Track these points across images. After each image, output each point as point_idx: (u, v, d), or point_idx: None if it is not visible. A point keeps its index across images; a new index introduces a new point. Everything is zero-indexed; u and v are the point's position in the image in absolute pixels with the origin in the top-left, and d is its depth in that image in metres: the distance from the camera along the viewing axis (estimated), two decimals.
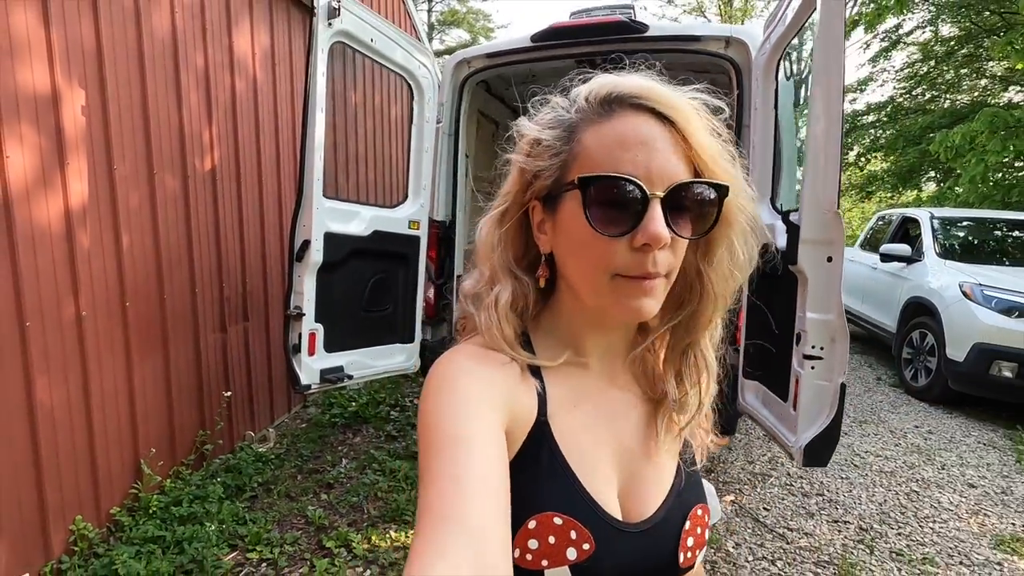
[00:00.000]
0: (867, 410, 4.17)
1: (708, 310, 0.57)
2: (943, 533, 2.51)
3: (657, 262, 0.49)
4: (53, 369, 2.02)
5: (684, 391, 0.59)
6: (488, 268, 0.57)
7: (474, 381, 0.49)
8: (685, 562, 0.57)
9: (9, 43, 1.84)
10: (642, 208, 0.48)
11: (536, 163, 0.54)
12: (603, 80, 0.53)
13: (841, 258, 1.79)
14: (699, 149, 0.49)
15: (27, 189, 1.92)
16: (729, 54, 2.67)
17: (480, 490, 0.42)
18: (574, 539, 0.51)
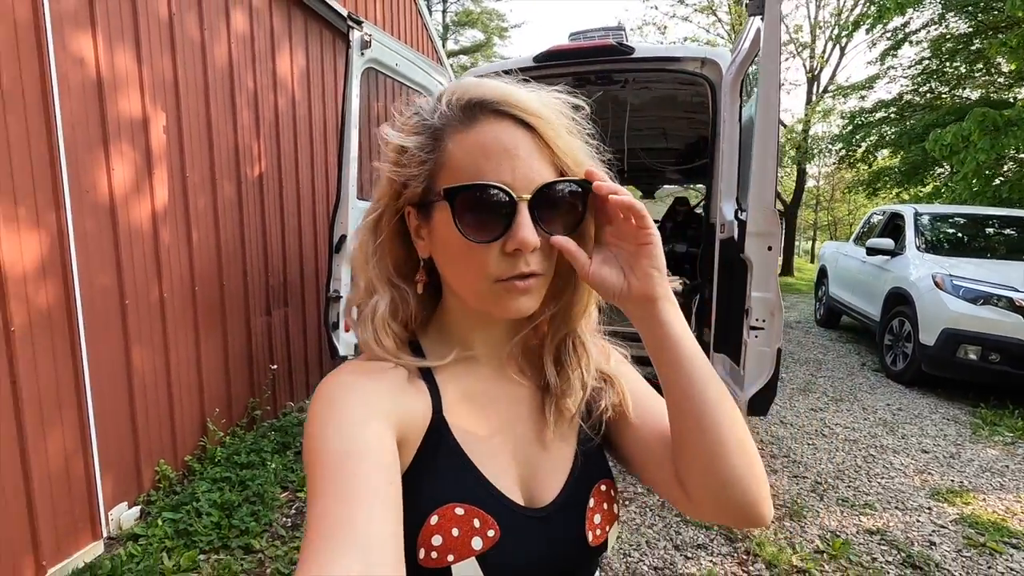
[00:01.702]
0: (846, 391, 4.54)
1: (583, 299, 0.59)
2: (888, 486, 2.90)
3: (530, 263, 0.50)
4: (144, 340, 2.52)
5: (566, 377, 0.61)
6: (364, 279, 0.57)
7: (357, 396, 0.49)
8: (595, 540, 0.58)
9: (114, 79, 2.33)
10: (511, 213, 0.49)
11: (404, 171, 0.54)
12: (464, 85, 0.53)
13: (778, 247, 2.20)
14: (559, 151, 0.51)
15: (126, 195, 2.41)
16: (704, 73, 3.07)
17: (368, 502, 0.42)
18: (478, 527, 0.51)
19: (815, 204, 29.25)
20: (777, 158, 2.14)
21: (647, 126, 5.30)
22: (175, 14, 2.65)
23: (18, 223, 1.90)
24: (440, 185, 0.51)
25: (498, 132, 0.50)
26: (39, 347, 1.99)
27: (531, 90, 0.53)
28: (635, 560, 2.24)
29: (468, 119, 0.51)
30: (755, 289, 2.22)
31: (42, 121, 1.98)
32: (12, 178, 1.88)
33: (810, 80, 16.02)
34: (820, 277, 7.74)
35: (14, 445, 1.90)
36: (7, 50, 1.85)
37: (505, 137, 0.50)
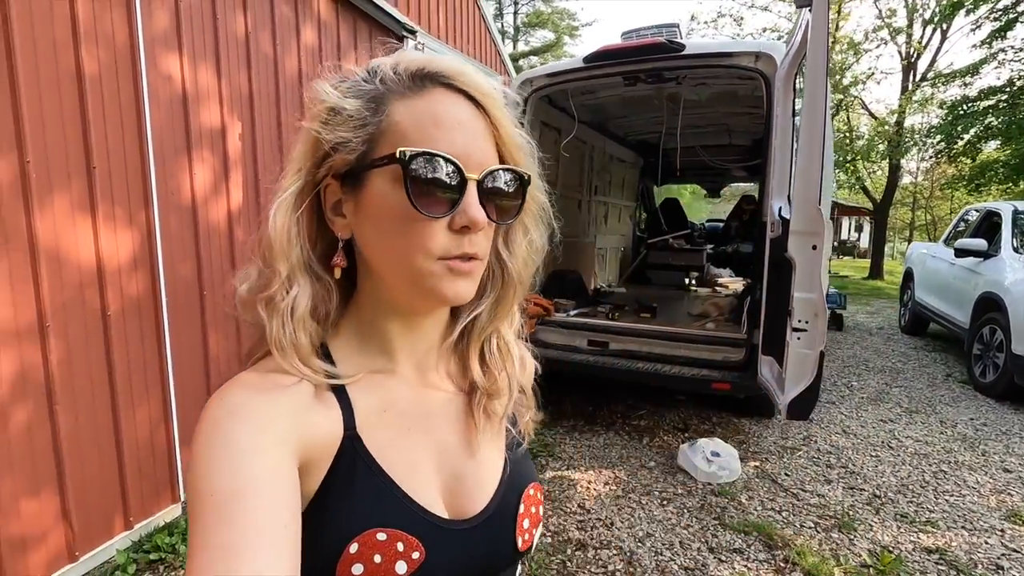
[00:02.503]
0: (923, 402, 4.22)
1: (510, 296, 0.58)
2: (956, 504, 2.70)
3: (474, 244, 0.48)
4: (219, 328, 2.79)
5: (492, 378, 0.59)
6: (286, 267, 0.49)
7: (249, 419, 0.43)
8: (523, 545, 0.57)
9: (197, 93, 2.60)
10: (461, 190, 0.47)
11: (336, 134, 0.48)
12: (411, 55, 0.50)
13: (822, 246, 2.12)
14: (506, 137, 0.50)
15: (206, 197, 2.68)
16: (759, 67, 2.99)
17: (257, 552, 0.37)
18: (402, 551, 0.47)
19: (912, 202, 26.95)
20: (823, 155, 2.07)
21: (709, 123, 5.18)
22: (251, 32, 2.91)
23: (115, 222, 2.19)
24: (382, 152, 0.47)
25: (451, 103, 0.48)
26: (130, 330, 2.27)
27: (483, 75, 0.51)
28: (666, 559, 2.24)
29: (417, 87, 0.48)
30: (798, 290, 2.16)
31: (135, 132, 2.26)
32: (111, 182, 2.17)
33: (905, 68, 14.80)
34: (906, 281, 7.20)
35: (108, 414, 2.20)
36: (107, 70, 2.13)
37: (458, 110, 0.48)
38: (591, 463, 3.09)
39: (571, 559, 2.24)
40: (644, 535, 2.40)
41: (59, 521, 2.03)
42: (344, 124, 0.48)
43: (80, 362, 2.08)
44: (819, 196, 2.07)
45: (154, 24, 2.34)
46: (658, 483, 2.86)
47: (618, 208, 6.27)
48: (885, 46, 14.61)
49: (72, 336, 2.05)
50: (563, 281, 4.49)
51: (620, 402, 3.97)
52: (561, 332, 3.66)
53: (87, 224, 2.08)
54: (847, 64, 14.74)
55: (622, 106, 4.72)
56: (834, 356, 5.64)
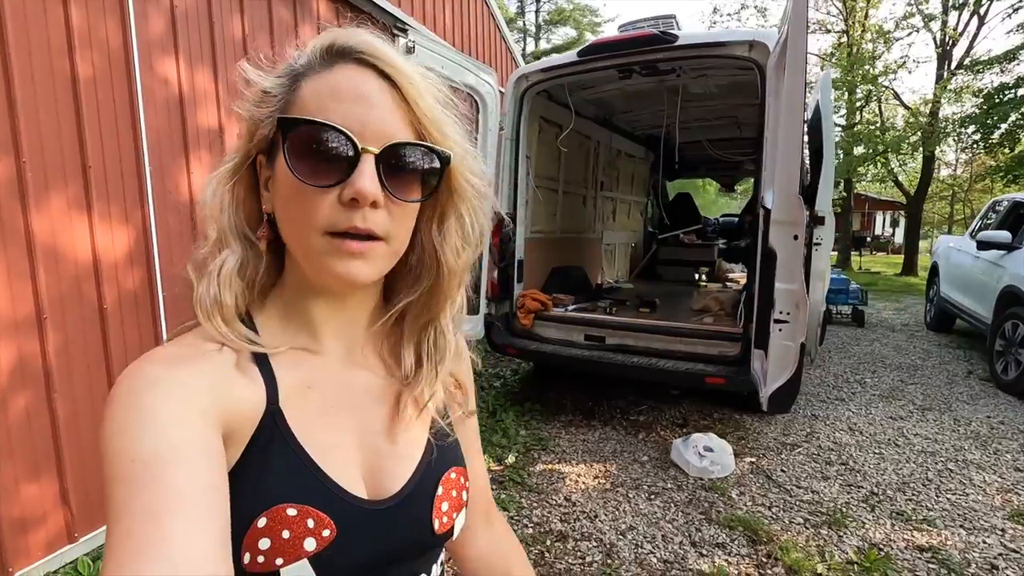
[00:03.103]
0: (938, 400, 4.08)
1: (444, 286, 0.56)
2: (957, 503, 2.61)
3: (367, 219, 0.47)
4: None
5: (422, 369, 0.58)
6: (215, 230, 0.51)
7: (167, 389, 0.42)
8: (441, 528, 0.56)
9: (194, 95, 2.70)
10: (353, 162, 0.46)
11: (259, 111, 0.50)
12: (331, 32, 0.50)
13: (803, 235, 2.08)
14: (420, 114, 0.48)
15: None
16: (753, 56, 2.94)
17: (184, 514, 0.36)
18: (311, 528, 0.46)
19: (951, 196, 25.93)
20: (803, 144, 2.03)
21: (718, 116, 5.10)
22: (248, 34, 3.00)
23: (111, 219, 2.29)
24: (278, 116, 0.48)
25: (355, 77, 0.47)
26: (127, 323, 2.37)
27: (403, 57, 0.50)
28: (646, 552, 2.23)
29: (327, 63, 0.48)
30: (780, 280, 2.12)
31: (130, 134, 2.36)
32: (106, 182, 2.26)
33: (940, 56, 14.24)
34: (932, 275, 6.95)
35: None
36: (102, 74, 2.23)
37: (362, 84, 0.47)
38: (583, 457, 3.09)
39: (550, 550, 2.25)
40: (627, 528, 2.39)
41: (59, 504, 2.14)
42: (266, 102, 0.50)
43: (77, 352, 2.18)
44: (799, 185, 2.03)
45: (149, 28, 2.44)
46: (648, 477, 2.84)
47: (627, 203, 6.22)
48: (917, 33, 14.08)
49: (70, 328, 2.15)
50: (566, 277, 4.48)
51: (621, 398, 3.95)
52: (558, 327, 3.66)
53: (83, 222, 2.18)
54: (877, 53, 14.28)
55: (626, 100, 4.69)
56: (850, 353, 5.49)
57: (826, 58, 14.97)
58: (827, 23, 15.21)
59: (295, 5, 3.30)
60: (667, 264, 6.31)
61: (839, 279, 6.98)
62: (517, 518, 2.48)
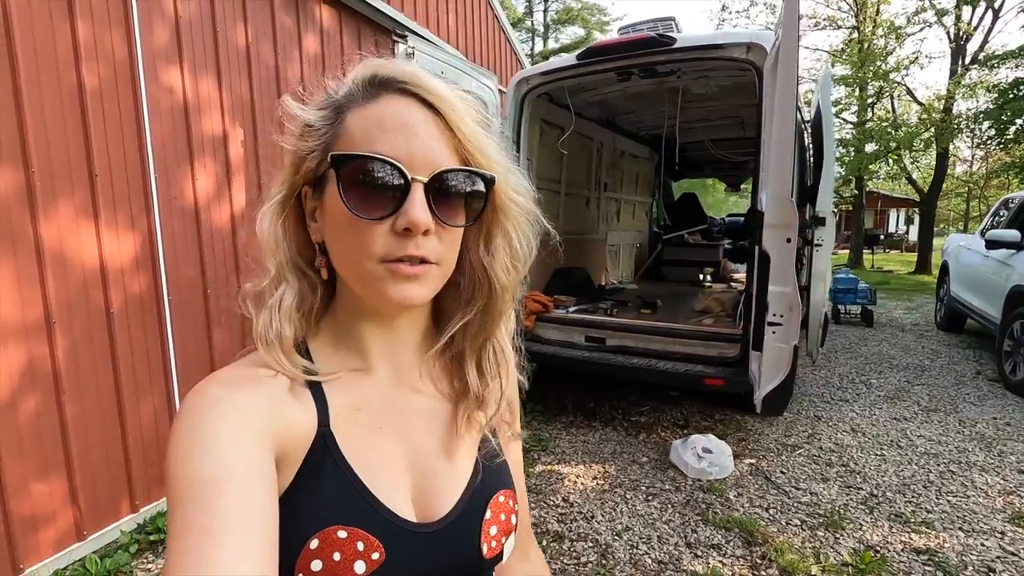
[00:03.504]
0: (944, 400, 4.04)
1: (498, 303, 0.57)
2: (958, 506, 2.60)
3: (420, 246, 0.48)
4: (223, 324, 2.95)
5: (486, 384, 0.59)
6: (274, 265, 0.53)
7: (225, 413, 0.45)
8: (490, 552, 0.56)
9: (198, 103, 2.76)
10: (404, 192, 0.47)
11: (304, 146, 0.51)
12: (371, 63, 0.52)
13: (795, 239, 2.08)
14: (464, 139, 0.50)
15: (208, 200, 2.84)
16: (751, 58, 2.94)
17: (237, 537, 0.38)
18: (361, 551, 0.47)
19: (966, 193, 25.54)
20: (795, 147, 2.04)
21: (721, 116, 5.09)
22: (252, 43, 3.06)
23: (117, 226, 2.35)
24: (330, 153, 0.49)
25: (399, 108, 0.49)
26: (133, 327, 2.44)
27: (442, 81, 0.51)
28: (641, 553, 2.25)
29: (371, 95, 0.50)
30: (773, 283, 2.13)
31: (136, 142, 2.42)
32: (113, 189, 2.33)
33: (954, 51, 14.03)
34: (942, 274, 6.87)
35: (113, 405, 2.36)
36: (108, 85, 2.29)
37: (406, 114, 0.48)
38: (583, 458, 3.11)
39: (545, 550, 2.27)
40: (623, 529, 2.42)
41: (67, 502, 2.20)
42: (311, 135, 0.51)
43: (85, 356, 2.25)
44: (791, 189, 2.04)
45: (154, 39, 2.50)
46: (647, 478, 2.86)
47: (631, 204, 6.22)
48: (930, 28, 13.89)
49: (77, 332, 2.21)
50: (568, 278, 4.50)
51: (623, 399, 3.96)
52: (559, 328, 3.69)
53: (90, 228, 2.25)
54: (889, 49, 14.11)
55: (629, 101, 4.70)
56: (857, 353, 5.45)
57: (836, 55, 14.82)
58: (837, 19, 15.05)
59: (298, 13, 3.36)
60: (672, 264, 6.30)
61: (847, 278, 6.93)
62: None
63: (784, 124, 2.00)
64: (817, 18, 15.24)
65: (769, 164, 2.61)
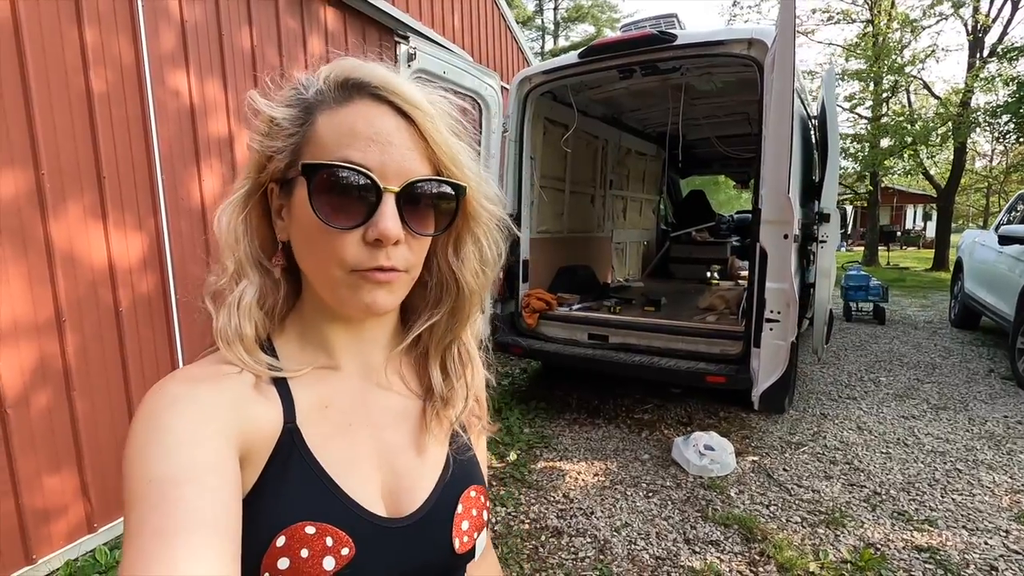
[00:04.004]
0: (955, 399, 3.99)
1: (465, 306, 0.58)
2: (963, 504, 2.57)
3: (391, 256, 0.48)
4: None
5: (451, 385, 0.60)
6: (232, 261, 0.51)
7: (183, 410, 0.43)
8: (462, 547, 0.56)
9: (204, 105, 2.81)
10: (375, 201, 0.47)
11: (270, 144, 0.50)
12: (345, 63, 0.50)
13: (792, 234, 2.08)
14: (437, 148, 0.49)
15: (215, 201, 2.89)
16: (752, 54, 2.93)
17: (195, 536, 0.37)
18: (330, 546, 0.46)
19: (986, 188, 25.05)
20: (793, 143, 2.03)
21: (728, 112, 5.06)
22: (257, 47, 3.11)
23: (125, 227, 2.41)
24: (301, 161, 0.48)
25: (372, 116, 0.48)
26: (142, 325, 2.49)
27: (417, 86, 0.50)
28: (639, 549, 2.26)
29: (343, 98, 0.49)
30: (770, 280, 2.13)
31: (143, 145, 2.48)
32: (120, 192, 2.39)
33: (972, 43, 13.76)
34: (956, 271, 6.76)
35: (123, 400, 2.42)
36: (115, 89, 2.35)
37: (379, 122, 0.47)
38: (585, 455, 3.13)
39: (544, 545, 2.29)
40: (622, 525, 2.43)
41: (79, 496, 2.27)
42: (278, 135, 0.50)
43: (95, 353, 2.31)
44: (787, 185, 2.03)
45: (160, 43, 2.55)
46: (648, 475, 2.87)
47: (638, 202, 6.21)
48: (946, 21, 13.64)
49: (87, 329, 2.27)
50: (573, 276, 4.51)
51: (627, 396, 3.97)
52: (563, 326, 3.70)
53: (99, 229, 2.31)
54: (904, 42, 13.89)
55: (633, 98, 4.69)
56: (867, 351, 5.40)
57: (850, 49, 14.61)
58: (851, 12, 14.84)
59: (302, 15, 3.40)
60: (679, 262, 6.28)
61: (859, 275, 6.85)
62: (514, 514, 2.53)
63: (781, 120, 2.00)
64: (830, 12, 15.05)
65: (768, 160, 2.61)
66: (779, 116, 2.00)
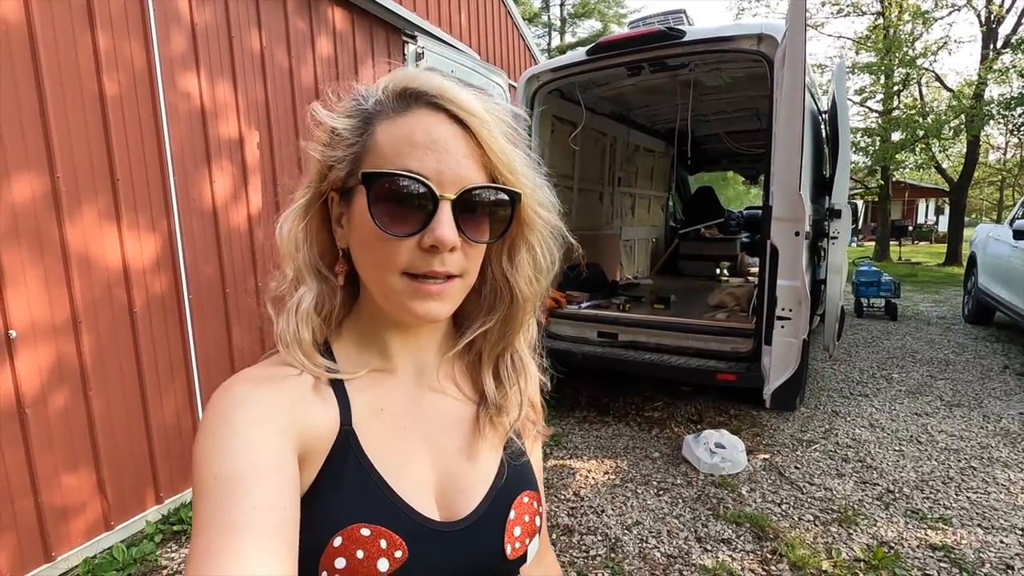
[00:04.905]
0: (969, 395, 3.95)
1: (519, 314, 0.58)
2: (978, 502, 2.55)
3: (446, 262, 0.49)
4: (242, 322, 3.03)
5: (504, 392, 0.60)
6: (292, 268, 0.53)
7: (250, 410, 0.46)
8: (513, 553, 0.56)
9: (215, 107, 2.83)
10: (432, 209, 0.48)
11: (331, 154, 0.52)
12: (403, 74, 0.52)
13: (804, 232, 2.06)
14: (493, 155, 0.49)
15: (226, 201, 2.92)
16: (762, 49, 2.91)
17: (257, 536, 0.39)
18: (384, 548, 0.48)
19: (1000, 181, 24.72)
20: (804, 139, 2.02)
21: (737, 108, 5.03)
22: (266, 47, 3.13)
23: (139, 228, 2.44)
24: (361, 170, 0.49)
25: (429, 124, 0.49)
26: (155, 325, 2.52)
27: (473, 94, 0.51)
28: (650, 547, 2.26)
29: (401, 108, 0.50)
30: (782, 277, 2.12)
31: (155, 147, 2.50)
32: (134, 194, 2.41)
33: (985, 35, 13.56)
34: (969, 266, 6.68)
35: (138, 400, 2.45)
36: (127, 92, 2.37)
37: (436, 130, 0.48)
38: (595, 453, 3.13)
39: (555, 543, 2.30)
40: (633, 523, 2.43)
41: (96, 494, 2.30)
42: (338, 144, 0.52)
43: (110, 353, 2.34)
44: (799, 182, 2.02)
45: (171, 47, 2.58)
46: (658, 473, 2.86)
47: (647, 199, 6.19)
48: (959, 12, 13.45)
49: (102, 330, 2.30)
50: (582, 274, 4.50)
51: (636, 394, 3.96)
52: (572, 324, 3.70)
53: (113, 231, 2.33)
54: (916, 34, 13.72)
55: (642, 95, 4.67)
56: (879, 347, 5.35)
57: (861, 42, 14.46)
58: (861, 4, 14.67)
59: (311, 16, 3.42)
60: (688, 259, 6.25)
61: (870, 271, 6.79)
62: None
63: (792, 116, 1.98)
64: (840, 4, 14.88)
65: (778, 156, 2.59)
66: (789, 112, 1.98)
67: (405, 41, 2.99)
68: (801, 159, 1.99)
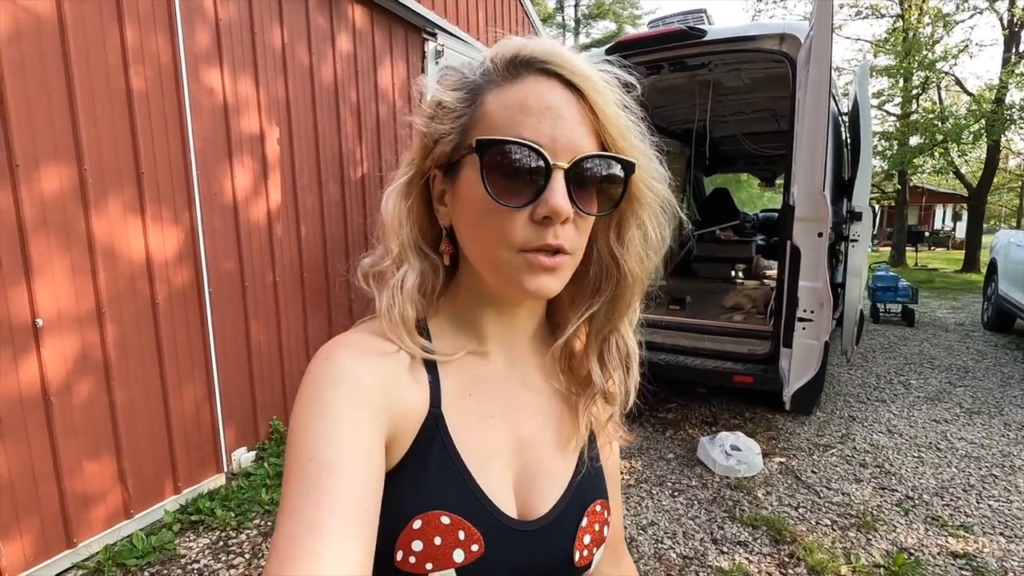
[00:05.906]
0: (989, 403, 3.89)
1: (627, 294, 0.55)
2: (1000, 510, 2.51)
3: (559, 235, 0.46)
4: (260, 316, 3.06)
5: (608, 378, 0.57)
6: (396, 245, 0.53)
7: (348, 390, 0.46)
8: (581, 561, 0.55)
9: (237, 103, 2.86)
10: (545, 178, 0.45)
11: (437, 127, 0.50)
12: (512, 42, 0.50)
13: (827, 233, 2.04)
14: (606, 122, 0.47)
15: (246, 197, 2.94)
16: (784, 49, 2.88)
17: (340, 533, 0.40)
18: (462, 540, 0.48)
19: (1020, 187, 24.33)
20: (827, 140, 2.00)
21: (755, 109, 4.99)
22: (287, 44, 3.15)
23: (162, 221, 2.47)
24: (471, 140, 0.47)
25: (542, 90, 0.46)
26: (176, 317, 2.55)
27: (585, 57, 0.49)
28: (666, 547, 2.25)
29: (511, 75, 0.48)
30: (804, 278, 2.10)
31: (179, 141, 2.53)
32: (158, 188, 2.44)
33: (1008, 38, 13.35)
34: (989, 272, 6.58)
35: (158, 391, 2.48)
36: (153, 87, 2.40)
37: (549, 96, 0.46)
38: None
39: None
40: (648, 523, 2.42)
41: (116, 483, 2.33)
42: (445, 117, 0.50)
43: (133, 344, 2.37)
44: (823, 183, 2.00)
45: (196, 42, 2.61)
46: (673, 474, 2.85)
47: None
48: (980, 15, 13.25)
49: (125, 321, 2.33)
50: None
51: (651, 395, 3.93)
52: None
53: (137, 223, 2.37)
54: (936, 37, 13.54)
55: (659, 95, 4.64)
56: (896, 353, 5.28)
57: (880, 44, 14.29)
58: (880, 7, 14.51)
59: (331, 13, 3.44)
60: (703, 261, 6.21)
61: (887, 276, 6.71)
62: None
63: (817, 116, 1.96)
64: (859, 7, 14.72)
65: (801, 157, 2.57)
66: (814, 112, 1.97)
67: (425, 39, 3.00)
68: (826, 159, 1.97)
